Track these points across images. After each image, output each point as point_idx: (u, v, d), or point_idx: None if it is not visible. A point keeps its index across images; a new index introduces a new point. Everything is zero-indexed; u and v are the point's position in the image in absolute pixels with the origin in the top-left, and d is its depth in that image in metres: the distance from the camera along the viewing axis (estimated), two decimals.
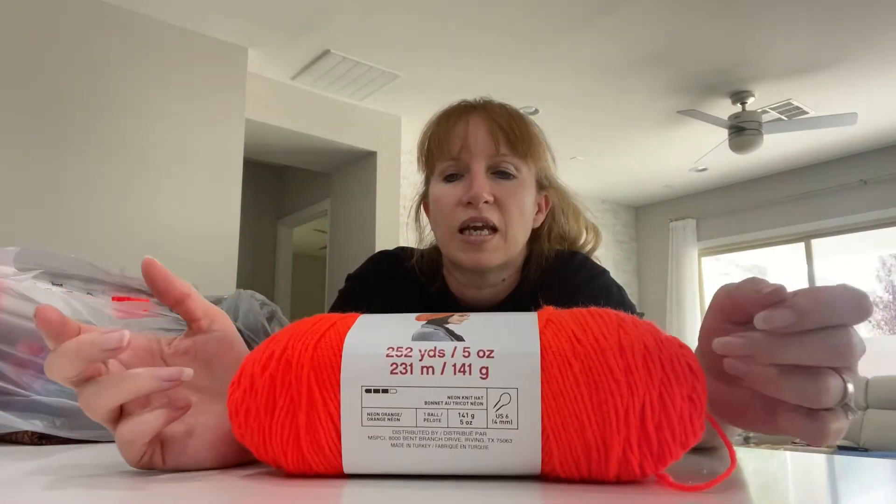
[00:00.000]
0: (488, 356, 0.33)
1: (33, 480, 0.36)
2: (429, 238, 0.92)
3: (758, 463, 0.47)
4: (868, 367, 4.65)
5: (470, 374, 0.33)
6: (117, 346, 0.35)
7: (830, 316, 0.30)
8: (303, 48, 3.41)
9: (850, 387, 0.31)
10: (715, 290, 0.38)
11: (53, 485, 0.34)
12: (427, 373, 0.33)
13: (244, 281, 4.00)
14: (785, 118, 4.19)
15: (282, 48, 3.41)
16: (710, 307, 0.38)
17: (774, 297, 0.32)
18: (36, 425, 0.55)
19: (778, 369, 0.32)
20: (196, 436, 0.38)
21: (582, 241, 0.95)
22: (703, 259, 6.12)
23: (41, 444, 0.56)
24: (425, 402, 0.33)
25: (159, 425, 0.36)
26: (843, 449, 4.26)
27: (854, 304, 0.30)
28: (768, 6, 2.99)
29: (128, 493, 0.32)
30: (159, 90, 3.06)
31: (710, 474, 0.38)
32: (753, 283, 0.34)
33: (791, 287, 0.33)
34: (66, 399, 0.57)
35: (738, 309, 0.35)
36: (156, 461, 0.37)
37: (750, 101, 3.94)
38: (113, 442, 0.57)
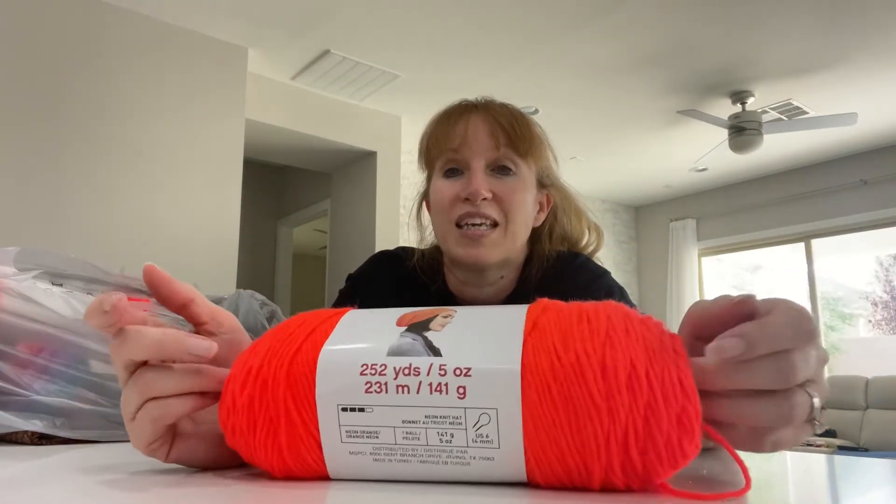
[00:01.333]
0: (465, 375, 0.32)
1: (33, 480, 0.36)
2: (430, 238, 0.92)
3: (758, 463, 0.47)
4: (868, 367, 4.65)
5: (447, 393, 0.32)
6: (204, 355, 0.36)
7: (778, 343, 0.31)
8: (303, 48, 3.41)
9: (816, 401, 0.32)
10: (693, 303, 0.37)
11: (53, 485, 0.34)
12: (402, 392, 0.32)
13: (244, 281, 4.00)
14: (785, 118, 4.19)
15: (282, 48, 3.41)
16: (682, 322, 0.37)
17: (743, 307, 0.33)
18: (36, 425, 0.55)
19: (732, 396, 0.32)
20: (201, 434, 0.39)
21: (584, 241, 0.95)
22: (703, 259, 6.12)
23: (41, 444, 0.56)
24: (402, 421, 0.32)
25: (187, 410, 0.36)
26: (843, 449, 4.26)
27: (800, 330, 0.31)
28: (768, 6, 2.99)
29: (127, 493, 0.32)
30: (159, 90, 3.06)
31: (709, 475, 0.38)
32: (724, 299, 0.34)
33: (789, 287, 0.33)
34: (65, 399, 0.57)
35: (707, 326, 0.35)
36: (162, 451, 0.37)
37: (750, 101, 3.94)
38: (112, 442, 0.57)
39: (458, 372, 0.32)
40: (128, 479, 0.35)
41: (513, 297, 0.86)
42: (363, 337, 0.36)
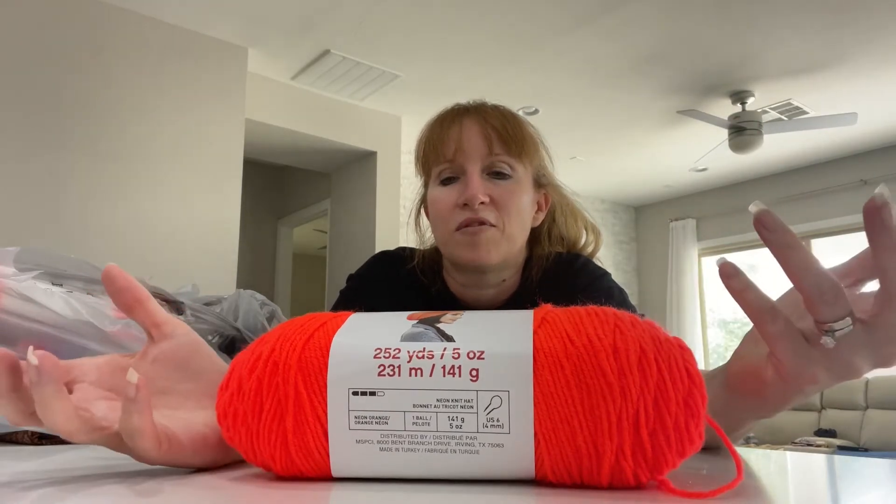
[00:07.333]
0: (479, 357, 0.33)
1: (33, 480, 0.36)
2: (429, 241, 0.92)
3: (758, 463, 0.47)
4: None
5: (460, 375, 0.32)
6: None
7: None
8: (303, 48, 3.41)
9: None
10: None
11: (53, 485, 0.34)
12: (415, 375, 0.33)
13: (244, 281, 4.00)
14: (785, 118, 4.19)
15: (282, 48, 3.41)
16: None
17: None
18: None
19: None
20: (187, 436, 0.38)
21: (582, 242, 0.95)
22: (703, 259, 6.12)
23: (41, 444, 0.56)
24: (413, 406, 0.32)
25: (148, 417, 0.33)
26: (843, 449, 4.26)
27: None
28: (768, 6, 2.99)
29: (126, 495, 0.32)
30: (159, 90, 3.06)
31: (709, 475, 0.38)
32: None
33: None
34: None
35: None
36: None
37: (750, 101, 3.94)
38: None
39: (471, 355, 0.33)
40: (127, 480, 0.36)
41: (515, 298, 0.86)
42: (375, 327, 0.36)
